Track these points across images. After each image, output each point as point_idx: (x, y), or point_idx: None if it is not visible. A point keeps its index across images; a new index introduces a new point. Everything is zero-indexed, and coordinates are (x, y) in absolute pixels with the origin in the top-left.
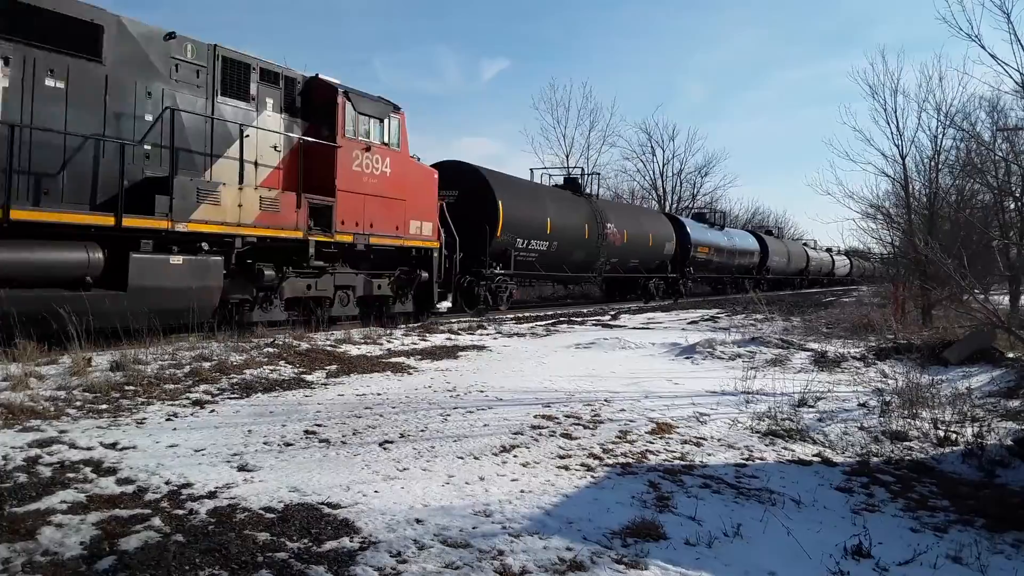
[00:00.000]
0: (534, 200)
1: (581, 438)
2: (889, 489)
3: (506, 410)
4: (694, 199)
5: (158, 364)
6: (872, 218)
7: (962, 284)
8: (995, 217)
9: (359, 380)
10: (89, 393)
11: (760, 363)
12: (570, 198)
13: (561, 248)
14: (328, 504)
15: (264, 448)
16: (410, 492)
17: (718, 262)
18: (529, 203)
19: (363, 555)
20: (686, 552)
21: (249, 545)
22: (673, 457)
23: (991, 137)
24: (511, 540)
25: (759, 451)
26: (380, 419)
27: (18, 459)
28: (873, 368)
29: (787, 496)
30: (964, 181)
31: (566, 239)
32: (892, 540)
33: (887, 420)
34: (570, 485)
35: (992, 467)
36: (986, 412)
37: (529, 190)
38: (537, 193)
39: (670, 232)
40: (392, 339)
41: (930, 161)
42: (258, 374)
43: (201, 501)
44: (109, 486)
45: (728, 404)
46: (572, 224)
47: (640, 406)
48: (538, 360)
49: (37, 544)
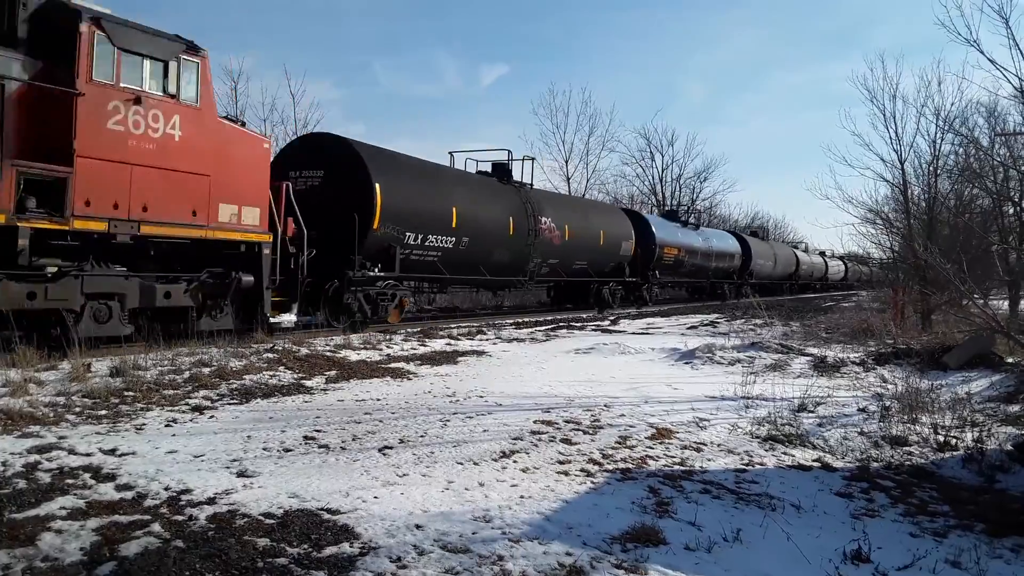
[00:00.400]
0: (433, 185)
1: (581, 443)
2: (889, 494)
3: (506, 415)
4: (693, 204)
5: (157, 370)
6: (871, 223)
7: (961, 289)
8: (994, 222)
9: (359, 385)
10: (88, 399)
11: (760, 368)
12: (492, 186)
13: (475, 246)
14: (328, 510)
15: (263, 454)
16: (410, 498)
17: (691, 265)
18: (425, 188)
19: (363, 560)
20: (686, 557)
21: (249, 551)
22: (673, 462)
23: (990, 142)
24: (511, 545)
25: (759, 456)
26: (380, 425)
27: (17, 465)
28: (873, 373)
29: (787, 501)
30: (963, 186)
31: (482, 235)
32: (892, 545)
33: (887, 425)
34: (570, 490)
35: (992, 472)
36: (986, 417)
37: (425, 172)
38: (439, 177)
39: (627, 230)
40: (392, 344)
41: (929, 166)
42: (257, 380)
43: (201, 507)
44: (108, 492)
45: (728, 409)
46: (491, 217)
47: (640, 411)
48: (538, 365)
49: (37, 550)
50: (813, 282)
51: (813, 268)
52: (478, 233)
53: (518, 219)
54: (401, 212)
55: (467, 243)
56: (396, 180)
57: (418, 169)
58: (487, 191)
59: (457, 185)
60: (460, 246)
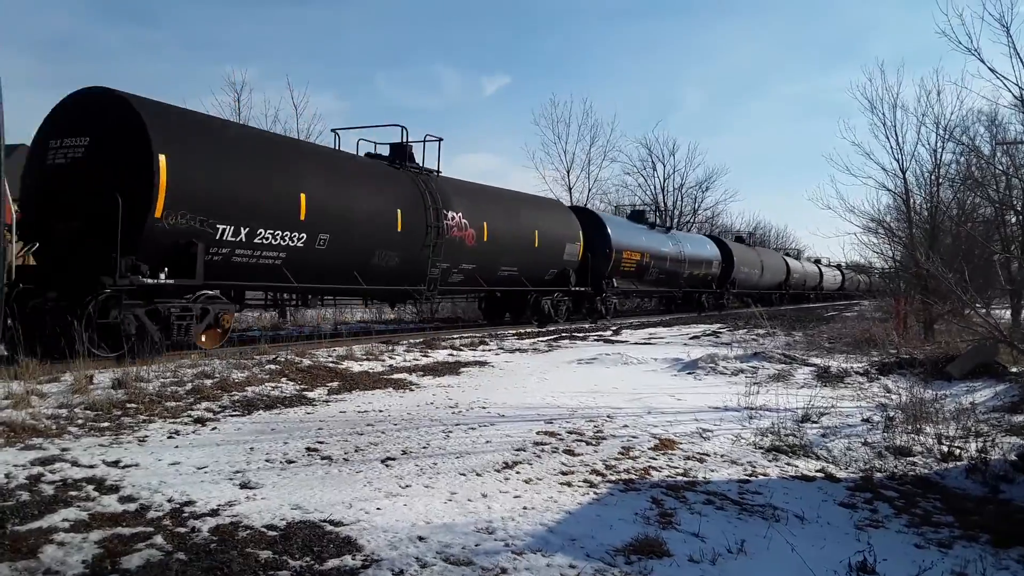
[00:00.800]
0: (269, 162)
1: (584, 454)
2: (893, 505)
3: (508, 426)
4: (695, 214)
5: (159, 382)
6: (873, 232)
7: (964, 298)
8: (996, 231)
9: (361, 397)
10: (91, 411)
11: (763, 378)
12: (374, 170)
13: (341, 246)
14: (330, 521)
15: (266, 465)
16: (412, 509)
17: (659, 272)
18: (254, 167)
19: (365, 573)
20: (690, 569)
21: (251, 563)
22: (676, 473)
23: (991, 151)
24: (514, 557)
25: (762, 467)
26: (382, 436)
27: (20, 477)
28: (876, 383)
29: (791, 512)
30: (965, 195)
31: (353, 233)
32: (896, 556)
33: (891, 435)
34: (573, 502)
35: (996, 482)
36: (990, 427)
37: (256, 146)
38: (277, 152)
39: (574, 231)
40: (394, 355)
41: (930, 175)
42: (260, 391)
43: (203, 519)
44: (111, 504)
45: (731, 420)
46: (368, 209)
47: (643, 422)
48: (540, 376)
49: (39, 562)
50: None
51: (806, 277)
52: (345, 229)
53: (412, 213)
54: (209, 196)
55: (327, 241)
56: (199, 152)
57: (243, 140)
58: (364, 176)
59: (310, 164)
60: (317, 245)
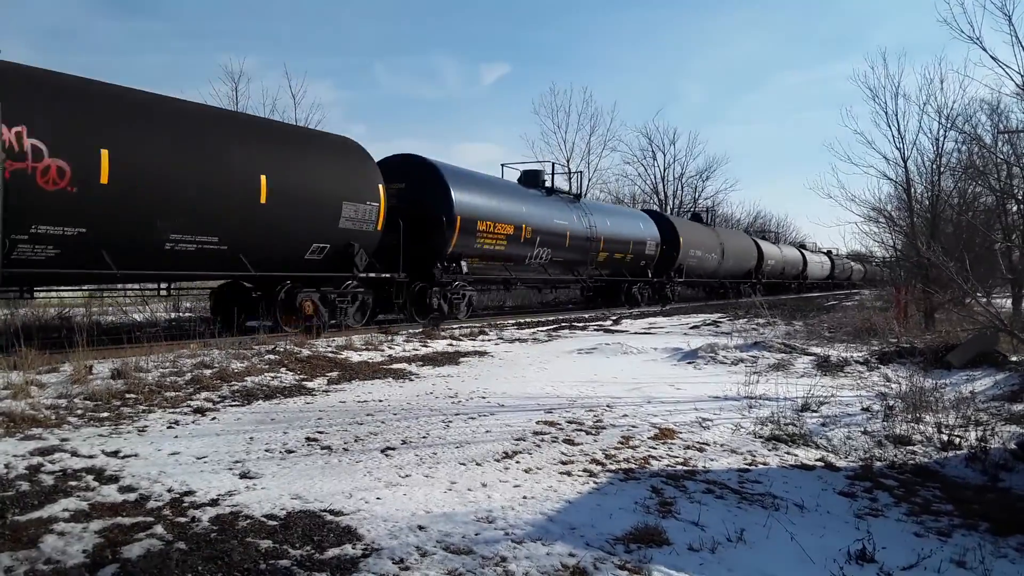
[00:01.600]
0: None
1: (583, 444)
2: (893, 493)
3: (508, 416)
4: (695, 203)
5: (159, 372)
6: (874, 221)
7: (964, 287)
8: (997, 220)
9: (361, 386)
10: (90, 401)
11: (763, 368)
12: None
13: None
14: (330, 511)
15: (266, 455)
16: (412, 499)
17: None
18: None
19: (366, 562)
20: (689, 558)
21: (251, 553)
22: (676, 462)
23: (992, 140)
24: (514, 546)
25: (762, 456)
26: (382, 426)
27: (20, 467)
28: (876, 372)
29: (790, 501)
30: (966, 184)
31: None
32: (896, 545)
33: (890, 424)
34: (573, 491)
35: (996, 471)
36: (990, 416)
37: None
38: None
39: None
40: (394, 345)
41: (932, 164)
42: (259, 381)
43: (203, 509)
44: (111, 494)
45: (731, 409)
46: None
47: (642, 411)
48: (540, 366)
49: (40, 552)
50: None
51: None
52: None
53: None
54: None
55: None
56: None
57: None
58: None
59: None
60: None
